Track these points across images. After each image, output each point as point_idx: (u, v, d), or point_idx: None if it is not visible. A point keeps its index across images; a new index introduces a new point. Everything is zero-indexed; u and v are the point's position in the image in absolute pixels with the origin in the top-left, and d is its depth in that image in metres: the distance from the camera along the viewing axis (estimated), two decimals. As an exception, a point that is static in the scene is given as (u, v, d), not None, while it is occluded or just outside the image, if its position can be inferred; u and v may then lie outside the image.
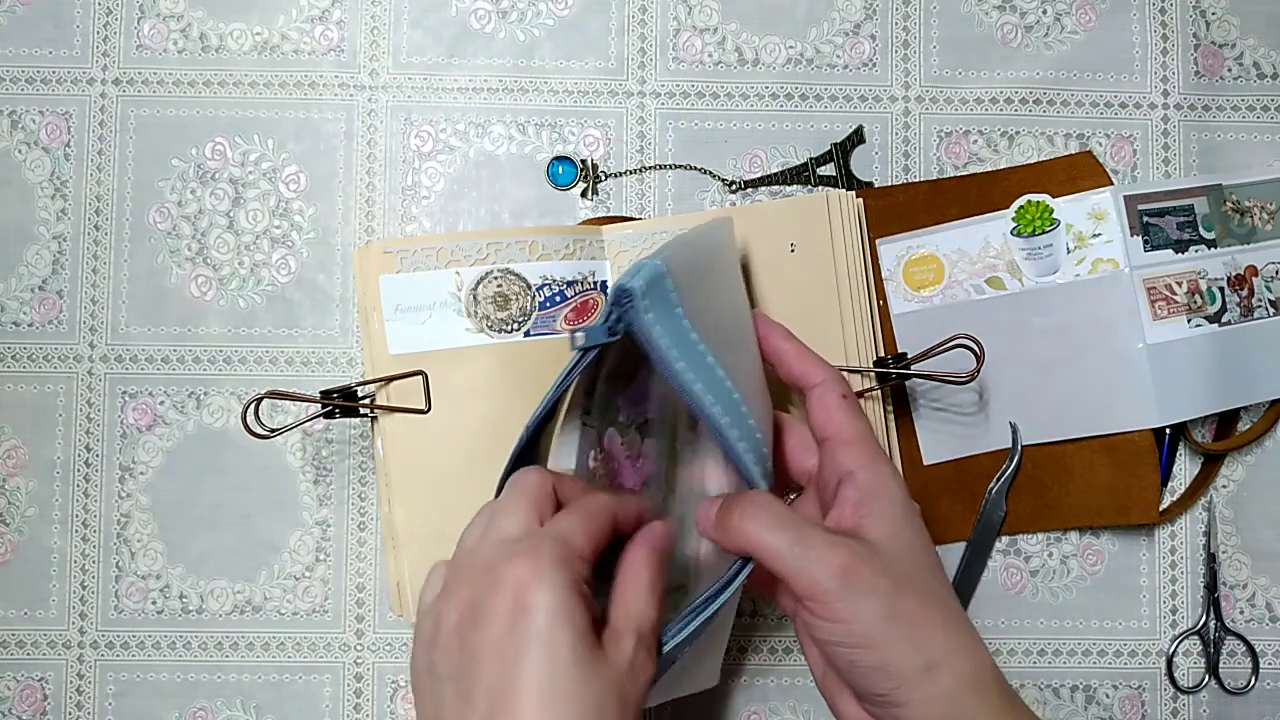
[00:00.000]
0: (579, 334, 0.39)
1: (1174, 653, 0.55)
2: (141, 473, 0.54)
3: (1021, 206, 0.53)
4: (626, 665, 0.35)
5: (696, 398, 0.38)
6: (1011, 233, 0.53)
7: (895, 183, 0.56)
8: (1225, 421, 0.55)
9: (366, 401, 0.50)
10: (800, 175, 0.56)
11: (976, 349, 0.48)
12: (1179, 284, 0.52)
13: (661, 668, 0.38)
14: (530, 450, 0.42)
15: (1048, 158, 0.56)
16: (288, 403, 0.53)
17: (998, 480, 0.54)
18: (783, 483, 0.45)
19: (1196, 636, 0.55)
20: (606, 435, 0.46)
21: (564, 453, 0.46)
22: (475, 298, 0.51)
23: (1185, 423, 0.53)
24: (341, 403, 0.50)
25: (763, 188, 0.56)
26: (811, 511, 0.43)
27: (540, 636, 0.33)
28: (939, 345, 0.49)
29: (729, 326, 0.43)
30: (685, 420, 0.45)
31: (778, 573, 0.38)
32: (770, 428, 0.42)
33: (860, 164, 0.56)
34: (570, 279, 0.52)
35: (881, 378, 0.51)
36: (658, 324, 0.38)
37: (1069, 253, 0.52)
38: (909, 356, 0.50)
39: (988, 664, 0.38)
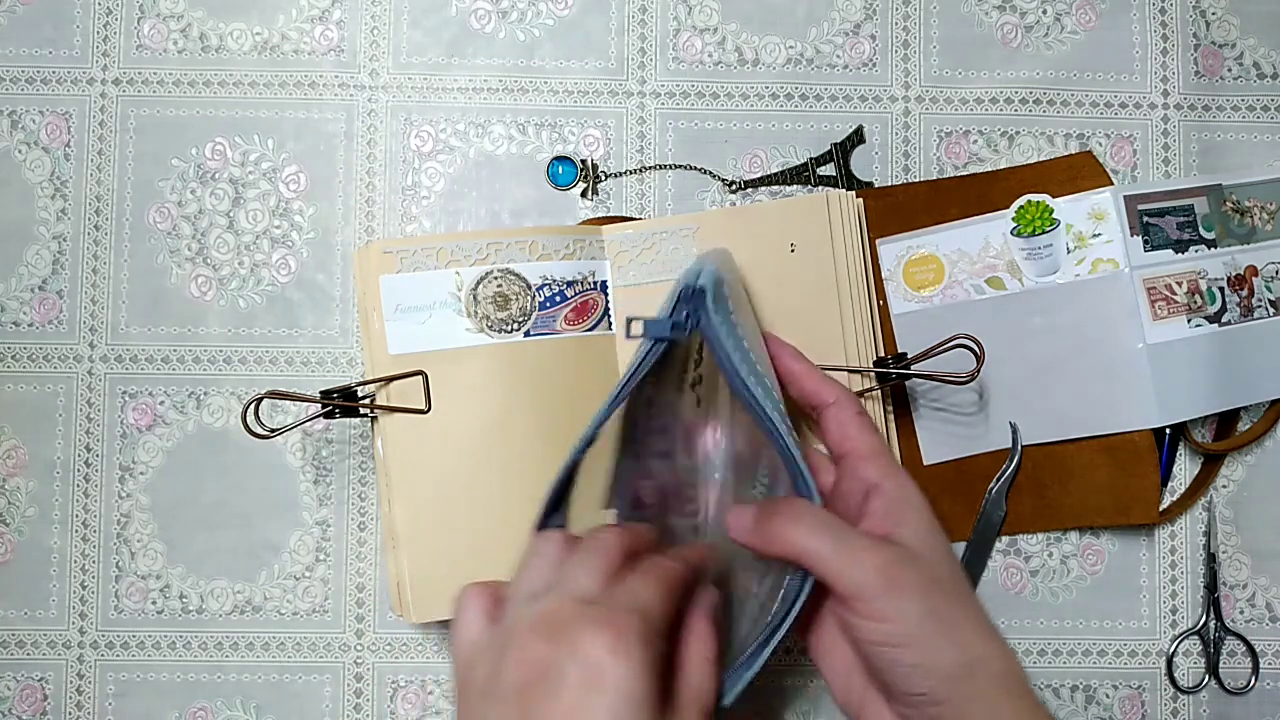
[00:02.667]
0: (635, 323, 0.38)
1: (1174, 653, 0.55)
2: (141, 473, 0.54)
3: (1021, 206, 0.53)
4: None
5: (758, 403, 0.38)
6: (1011, 233, 0.53)
7: (895, 183, 0.56)
8: (1225, 421, 0.55)
9: (366, 401, 0.50)
10: (800, 175, 0.56)
11: (976, 349, 0.48)
12: (1179, 284, 0.52)
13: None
14: (571, 481, 0.41)
15: (1048, 158, 0.56)
16: (288, 403, 0.53)
17: (998, 480, 0.54)
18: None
19: (1196, 636, 0.55)
20: (652, 466, 0.45)
21: (609, 478, 0.44)
22: (475, 298, 0.51)
23: (1185, 423, 0.53)
24: (341, 403, 0.50)
25: (763, 188, 0.56)
26: None
27: (613, 717, 0.32)
28: (939, 345, 0.49)
29: (755, 340, 0.44)
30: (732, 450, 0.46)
31: (821, 576, 0.39)
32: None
33: (860, 164, 0.56)
34: (570, 279, 0.52)
35: (881, 378, 0.51)
36: (723, 326, 0.38)
37: (1069, 253, 0.52)
38: (909, 356, 0.51)
39: (1017, 666, 0.40)
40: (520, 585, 0.37)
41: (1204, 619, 0.55)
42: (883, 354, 0.53)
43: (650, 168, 0.56)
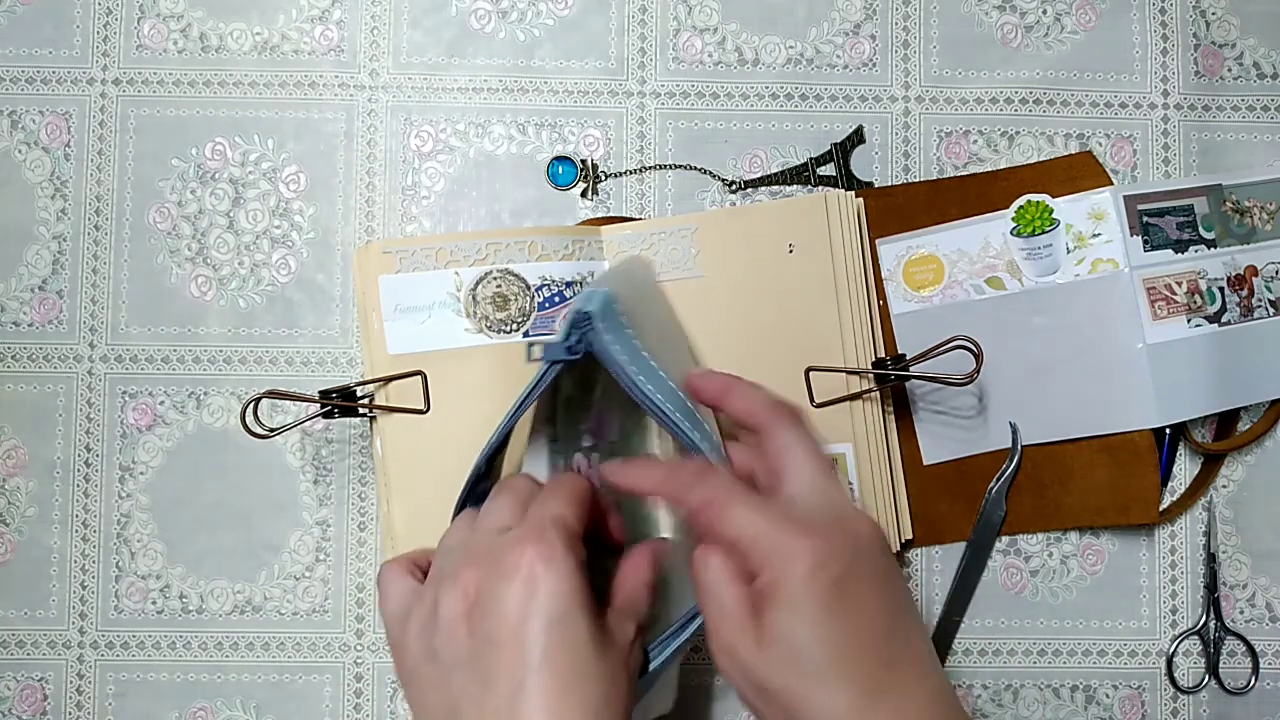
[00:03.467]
0: (535, 347, 0.42)
1: (1174, 653, 0.55)
2: (141, 473, 0.54)
3: (1021, 206, 0.53)
4: (627, 646, 0.37)
5: (658, 406, 0.40)
6: (1011, 233, 0.53)
7: (895, 183, 0.56)
8: (1225, 421, 0.55)
9: (366, 401, 0.50)
10: (800, 175, 0.56)
11: (975, 350, 0.48)
12: (1179, 284, 0.52)
13: (645, 685, 0.40)
14: (485, 478, 0.44)
15: (1048, 158, 0.56)
16: (287, 403, 0.53)
17: (998, 480, 0.54)
18: None
19: (1196, 636, 0.55)
20: (574, 459, 0.47)
21: (534, 472, 0.47)
22: (474, 298, 0.51)
23: (1185, 423, 0.53)
24: (341, 403, 0.50)
25: (763, 188, 0.56)
26: None
27: (558, 619, 0.35)
28: (938, 346, 0.49)
29: (666, 345, 0.46)
30: (643, 443, 0.48)
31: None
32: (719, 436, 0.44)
33: (860, 164, 0.56)
34: (569, 279, 0.52)
35: (881, 379, 0.51)
36: (615, 343, 0.40)
37: (1069, 253, 0.52)
38: (908, 357, 0.50)
39: None
40: (443, 545, 0.40)
41: (1204, 619, 0.55)
42: (882, 355, 0.53)
43: (650, 168, 0.56)
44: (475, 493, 0.44)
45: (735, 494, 0.38)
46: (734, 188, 0.56)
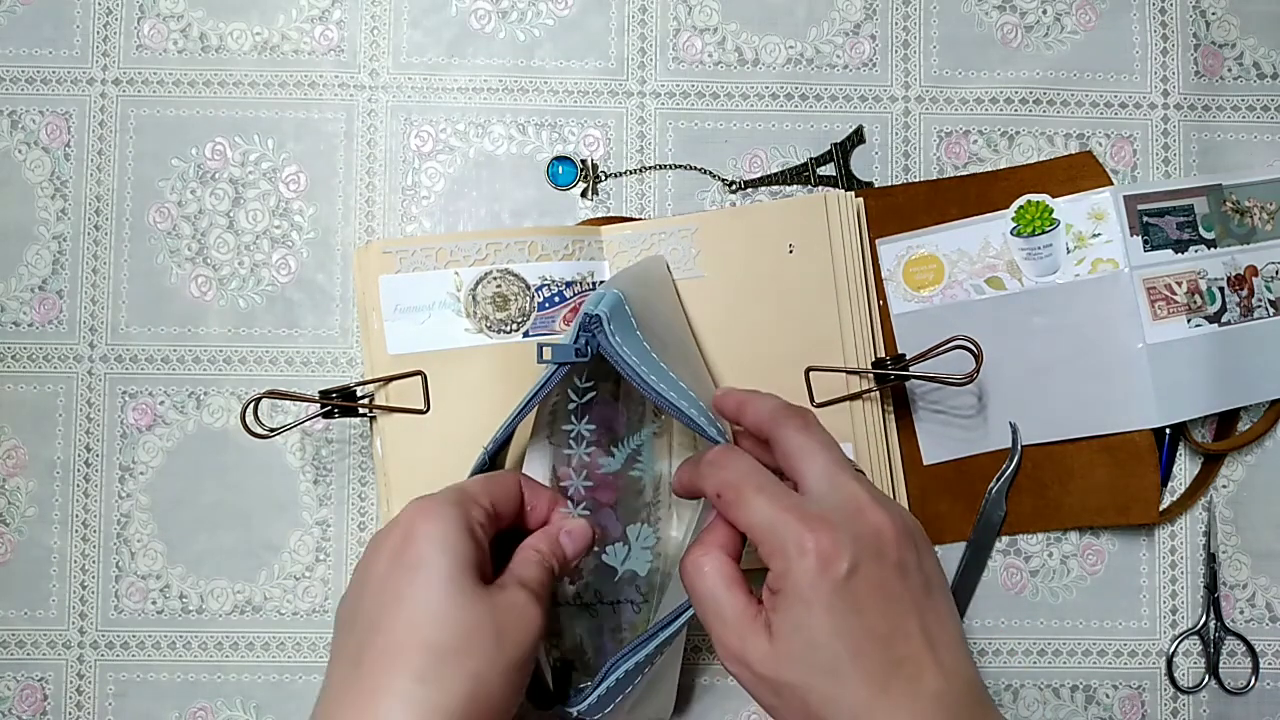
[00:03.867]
0: (546, 348, 0.42)
1: (1174, 653, 0.55)
2: (141, 473, 0.54)
3: (1021, 206, 0.53)
4: (507, 604, 0.37)
5: (670, 403, 0.41)
6: (1011, 233, 0.53)
7: (895, 183, 0.56)
8: (1225, 421, 0.55)
9: (365, 401, 0.50)
10: (800, 175, 0.56)
11: (975, 350, 0.48)
12: (1179, 284, 0.52)
13: (615, 693, 0.41)
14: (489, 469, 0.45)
15: (1048, 158, 0.56)
16: (287, 403, 0.53)
17: (998, 480, 0.54)
18: None
19: (1196, 636, 0.55)
20: (577, 456, 0.47)
21: (535, 471, 0.47)
22: (474, 298, 0.51)
23: (1185, 423, 0.53)
24: (341, 403, 0.50)
25: (763, 188, 0.56)
26: None
27: (419, 561, 0.36)
28: (938, 346, 0.49)
29: (675, 345, 0.47)
30: (648, 443, 0.49)
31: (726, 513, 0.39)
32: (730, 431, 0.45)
33: (860, 164, 0.56)
34: (569, 279, 0.52)
35: (881, 379, 0.51)
36: (625, 345, 0.41)
37: (1069, 253, 0.52)
38: (908, 357, 0.50)
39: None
40: None
41: (1204, 619, 0.55)
42: (882, 354, 0.53)
43: (650, 168, 0.56)
44: None
45: (756, 480, 0.37)
46: (734, 188, 0.56)
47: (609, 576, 0.47)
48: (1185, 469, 0.56)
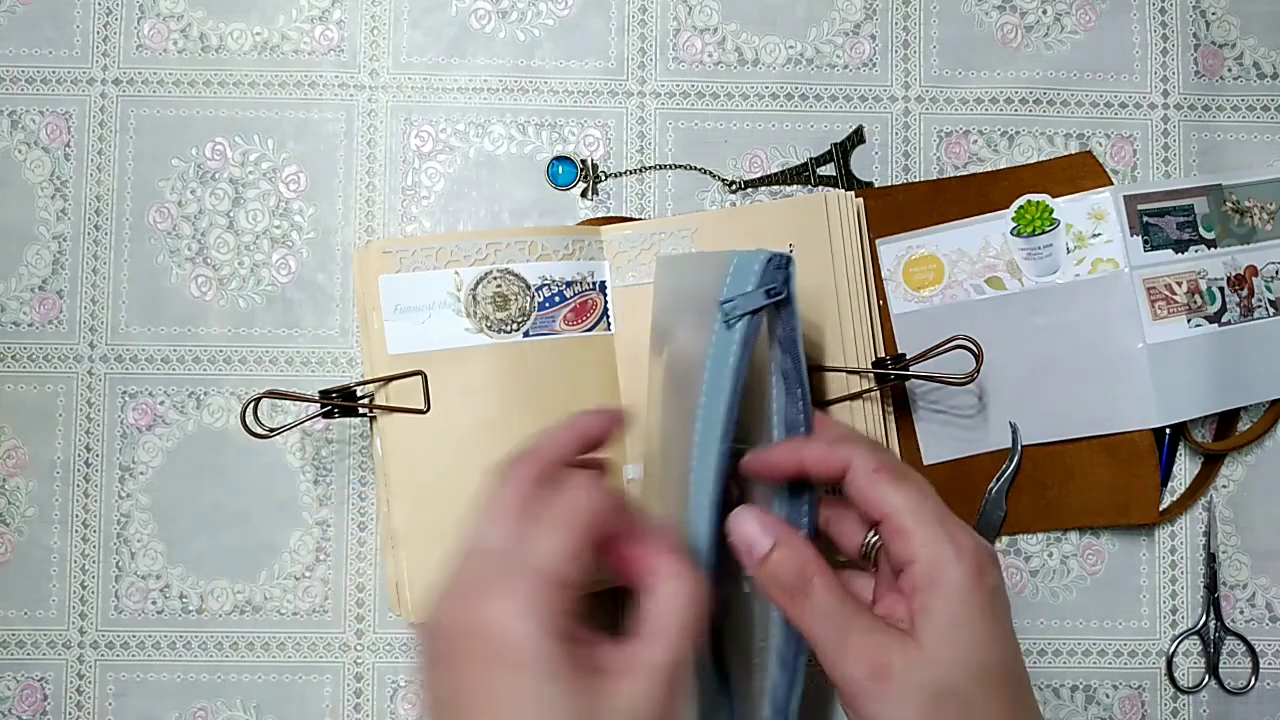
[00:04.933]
0: (727, 304, 0.38)
1: (1174, 653, 0.55)
2: (141, 473, 0.54)
3: (1021, 206, 0.53)
4: (627, 703, 0.31)
5: (807, 394, 0.38)
6: (1011, 233, 0.53)
7: (895, 183, 0.56)
8: (1225, 421, 0.55)
9: (365, 401, 0.50)
10: (800, 175, 0.56)
11: (975, 350, 0.48)
12: (1179, 284, 0.52)
13: None
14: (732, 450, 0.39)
15: (1048, 158, 0.56)
16: (287, 402, 0.53)
17: (998, 480, 0.54)
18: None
19: (1196, 636, 0.55)
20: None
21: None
22: (475, 298, 0.51)
23: (1185, 423, 0.53)
24: (340, 403, 0.50)
25: (763, 188, 0.56)
26: (867, 589, 0.40)
27: (519, 683, 0.31)
28: (938, 346, 0.49)
29: None
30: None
31: (820, 658, 0.36)
32: None
33: (860, 164, 0.56)
34: (569, 279, 0.52)
35: (881, 379, 0.51)
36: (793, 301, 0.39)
37: (1069, 253, 0.52)
38: (908, 357, 0.50)
39: None
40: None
41: (1204, 619, 0.55)
42: (882, 354, 0.53)
43: (650, 168, 0.56)
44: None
45: (892, 464, 0.36)
46: (734, 188, 0.56)
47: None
48: (1185, 469, 0.56)
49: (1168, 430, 0.54)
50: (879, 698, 0.34)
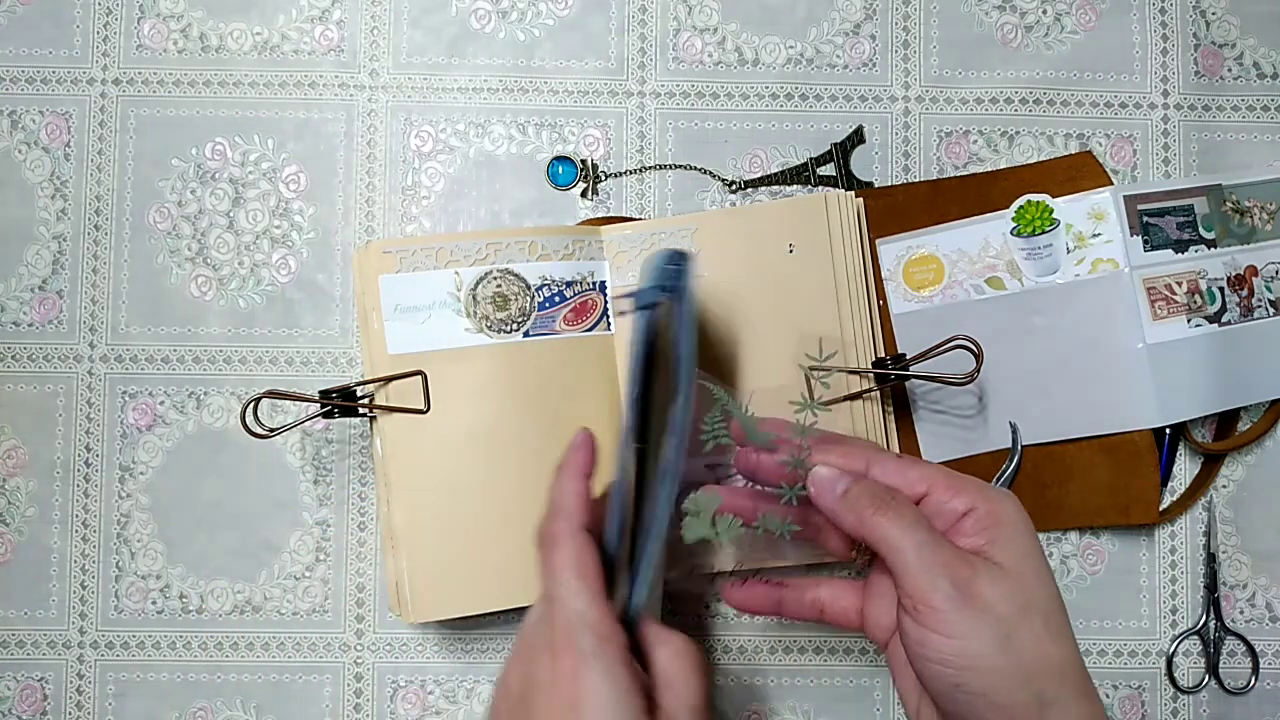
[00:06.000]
0: (625, 299, 0.41)
1: (1174, 653, 0.55)
2: (141, 473, 0.54)
3: (1021, 206, 0.53)
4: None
5: (688, 391, 0.39)
6: (1011, 233, 0.53)
7: (895, 183, 0.56)
8: (1225, 421, 0.55)
9: (365, 401, 0.50)
10: (800, 175, 0.56)
11: (975, 350, 0.48)
12: (1179, 284, 0.52)
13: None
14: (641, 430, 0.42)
15: (1048, 158, 0.56)
16: (287, 402, 0.53)
17: (998, 480, 0.54)
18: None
19: (1196, 636, 0.55)
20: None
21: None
22: (475, 298, 0.51)
23: (1185, 423, 0.53)
24: (340, 403, 0.50)
25: (763, 188, 0.56)
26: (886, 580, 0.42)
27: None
28: (938, 346, 0.49)
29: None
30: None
31: (895, 570, 0.37)
32: None
33: (860, 164, 0.56)
34: (569, 279, 0.52)
35: (881, 378, 0.51)
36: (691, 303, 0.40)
37: (1069, 253, 0.52)
38: (908, 357, 0.50)
39: (1100, 716, 0.37)
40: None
41: (1204, 619, 0.55)
42: (882, 354, 0.53)
43: (650, 168, 0.56)
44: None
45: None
46: (734, 188, 0.56)
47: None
48: (1185, 469, 0.56)
49: (1168, 430, 0.54)
50: (964, 610, 0.36)
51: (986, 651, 0.35)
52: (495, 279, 0.51)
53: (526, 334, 0.51)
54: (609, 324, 0.53)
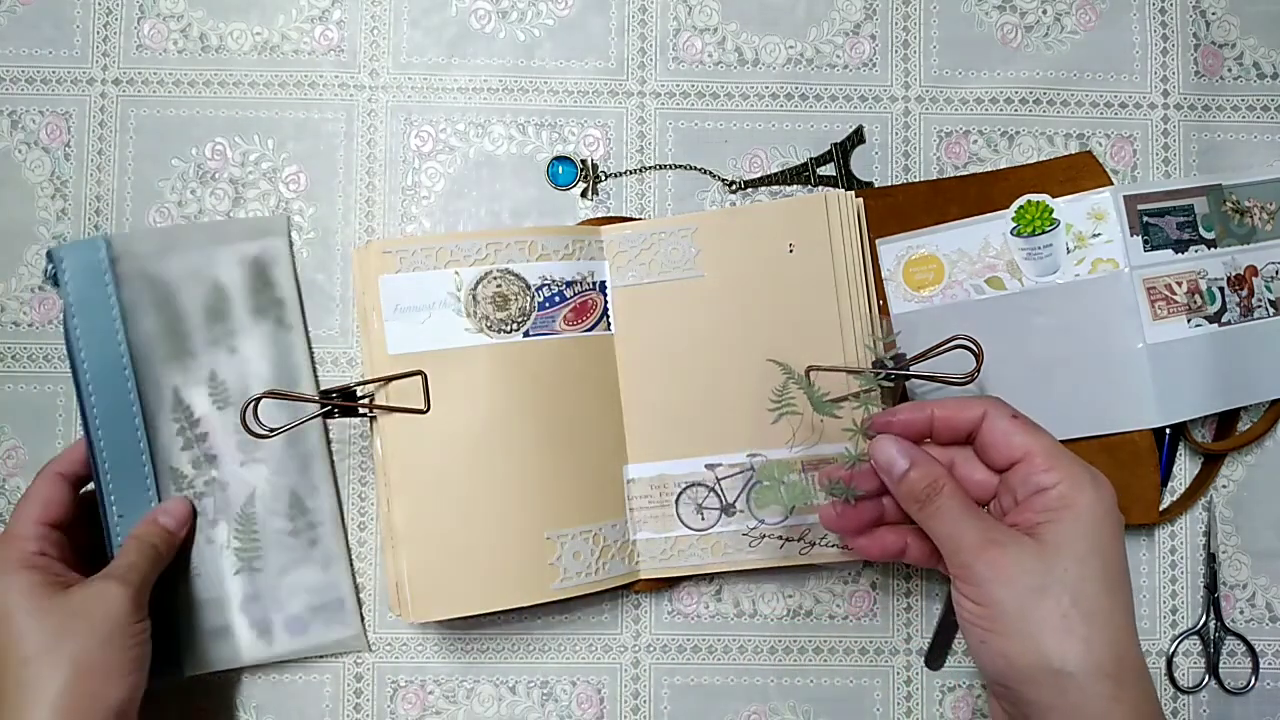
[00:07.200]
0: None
1: (1174, 653, 0.55)
2: (141, 473, 0.54)
3: (1021, 206, 0.53)
4: (87, 595, 0.45)
5: (84, 385, 0.51)
6: (1011, 233, 0.53)
7: (895, 183, 0.56)
8: (1225, 421, 0.55)
9: (365, 401, 0.50)
10: (800, 175, 0.56)
11: (975, 349, 0.47)
12: (1179, 284, 0.52)
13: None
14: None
15: (1048, 158, 0.56)
16: (287, 402, 0.53)
17: (997, 480, 0.54)
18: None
19: (1196, 636, 0.55)
20: None
21: None
22: (475, 298, 0.51)
23: (1185, 423, 0.53)
24: (340, 402, 0.50)
25: (763, 188, 0.56)
26: None
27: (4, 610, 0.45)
28: (938, 346, 0.48)
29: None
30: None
31: (947, 560, 0.41)
32: None
33: (860, 164, 0.56)
34: (569, 279, 0.52)
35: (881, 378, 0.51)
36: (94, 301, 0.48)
37: (1069, 253, 0.52)
38: (908, 357, 0.50)
39: (1130, 693, 0.39)
40: None
41: (1204, 619, 0.55)
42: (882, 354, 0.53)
43: (650, 168, 0.56)
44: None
45: (1023, 415, 0.44)
46: (734, 188, 0.56)
47: None
48: (1185, 469, 0.56)
49: (1168, 430, 0.54)
50: (989, 576, 0.39)
51: (1008, 618, 0.39)
52: (495, 279, 0.51)
53: (526, 334, 0.51)
54: (609, 324, 0.53)
